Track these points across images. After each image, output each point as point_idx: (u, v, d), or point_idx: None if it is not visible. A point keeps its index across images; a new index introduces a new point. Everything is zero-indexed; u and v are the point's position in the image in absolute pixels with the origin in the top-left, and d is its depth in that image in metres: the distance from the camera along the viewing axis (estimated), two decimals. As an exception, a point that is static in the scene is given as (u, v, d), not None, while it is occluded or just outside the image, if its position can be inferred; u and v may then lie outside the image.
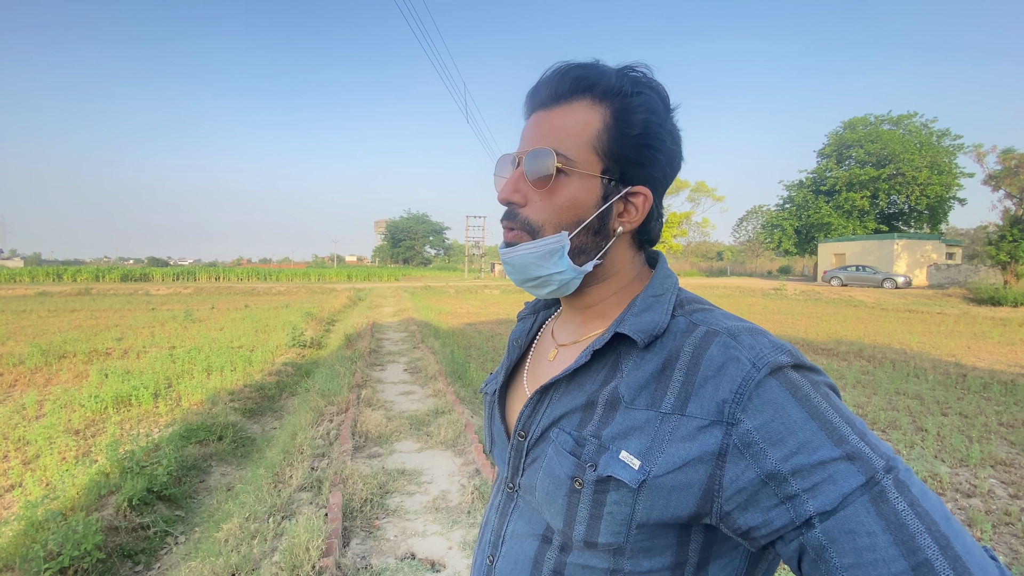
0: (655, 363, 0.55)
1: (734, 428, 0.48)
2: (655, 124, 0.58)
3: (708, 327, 0.55)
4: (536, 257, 0.60)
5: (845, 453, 0.45)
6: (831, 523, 0.44)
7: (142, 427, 5.05)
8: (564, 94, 0.58)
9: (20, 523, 2.93)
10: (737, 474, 0.47)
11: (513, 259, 0.61)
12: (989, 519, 3.11)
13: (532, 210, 0.60)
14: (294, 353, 8.55)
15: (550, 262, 0.59)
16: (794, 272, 46.50)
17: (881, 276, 24.81)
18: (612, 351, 0.59)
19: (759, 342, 0.51)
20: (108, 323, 12.67)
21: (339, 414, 4.71)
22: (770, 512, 0.46)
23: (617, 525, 0.52)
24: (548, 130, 0.59)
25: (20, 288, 26.77)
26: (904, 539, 0.42)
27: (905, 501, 0.43)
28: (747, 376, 0.49)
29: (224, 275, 38.52)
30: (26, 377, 6.97)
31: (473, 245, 54.17)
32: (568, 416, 0.58)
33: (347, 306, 17.57)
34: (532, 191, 0.60)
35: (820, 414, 0.47)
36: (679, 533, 0.52)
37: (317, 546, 2.39)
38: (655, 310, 0.58)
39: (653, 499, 0.50)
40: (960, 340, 10.16)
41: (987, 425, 4.80)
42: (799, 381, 0.49)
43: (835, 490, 0.44)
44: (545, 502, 0.57)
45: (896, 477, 0.45)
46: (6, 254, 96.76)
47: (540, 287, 0.62)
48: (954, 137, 31.38)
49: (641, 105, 0.57)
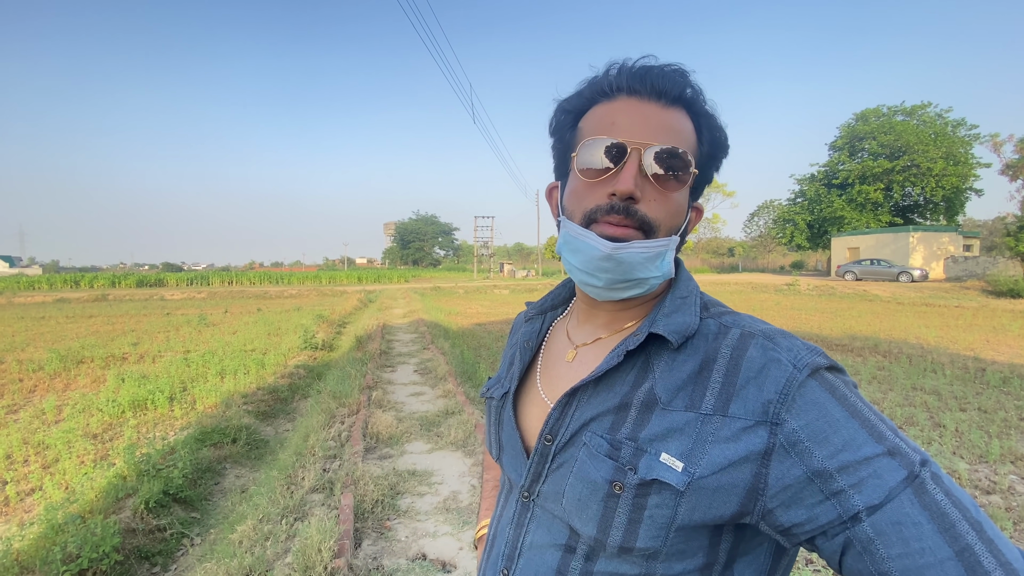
0: (691, 364, 0.55)
1: (779, 428, 0.49)
2: (723, 144, 0.62)
3: (742, 329, 0.56)
4: (646, 258, 0.57)
5: (886, 449, 0.47)
6: (878, 516, 0.45)
7: (158, 430, 5.12)
8: (676, 97, 0.58)
9: (40, 526, 2.98)
10: (783, 472, 0.48)
11: (623, 256, 0.56)
12: (1009, 516, 3.05)
13: (649, 208, 0.57)
14: (306, 356, 8.62)
15: (654, 264, 0.58)
16: (807, 267, 45.97)
17: (897, 270, 24.42)
18: (641, 352, 0.58)
19: (794, 344, 0.53)
20: (124, 328, 12.88)
21: (350, 416, 4.74)
22: (815, 508, 0.47)
23: (657, 528, 0.52)
24: (672, 130, 0.57)
25: (39, 295, 27.30)
26: (946, 527, 0.44)
27: (942, 491, 0.45)
28: (790, 377, 0.50)
29: (237, 279, 38.94)
30: (45, 382, 7.10)
31: (482, 245, 54.21)
32: (599, 419, 0.57)
33: (358, 308, 17.69)
34: (655, 189, 0.57)
35: (859, 413, 0.49)
36: (713, 534, 0.53)
37: (329, 547, 2.41)
38: (684, 312, 0.59)
39: (696, 500, 0.50)
40: (979, 334, 9.97)
41: (1007, 420, 4.70)
42: (835, 382, 0.51)
43: (881, 484, 0.45)
44: (576, 508, 0.55)
45: (931, 470, 0.47)
46: (25, 262, 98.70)
47: (629, 289, 0.59)
48: (970, 127, 30.83)
49: (719, 128, 0.61)
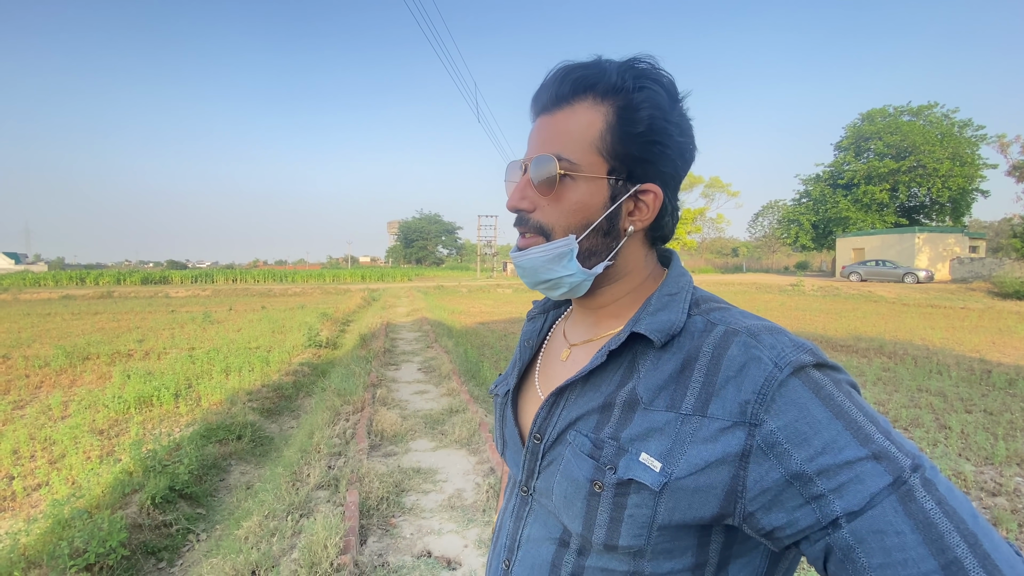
0: (673, 363, 0.54)
1: (757, 429, 0.47)
2: (659, 119, 0.56)
3: (727, 326, 0.54)
4: (545, 260, 0.59)
5: (871, 453, 0.45)
6: (859, 523, 0.43)
7: (164, 427, 5.14)
8: (565, 96, 0.58)
9: (47, 521, 3.00)
10: (761, 475, 0.47)
11: (523, 262, 0.61)
12: (1015, 518, 3.04)
13: (542, 214, 0.60)
14: (310, 353, 8.64)
15: (559, 265, 0.59)
16: (811, 268, 45.76)
17: (902, 271, 24.29)
18: (628, 351, 0.58)
19: (780, 341, 0.50)
20: (130, 325, 12.94)
21: (355, 413, 4.75)
22: (795, 512, 0.46)
23: (638, 527, 0.51)
24: (551, 135, 0.58)
25: (44, 292, 27.44)
26: (933, 538, 0.41)
27: (933, 500, 0.43)
28: (770, 376, 0.48)
29: (241, 277, 39.05)
30: (51, 379, 7.14)
31: (485, 244, 54.19)
32: (585, 418, 0.57)
33: (361, 306, 17.72)
34: (539, 197, 0.59)
35: (844, 413, 0.46)
36: (700, 534, 0.52)
37: (335, 544, 2.42)
38: (671, 309, 0.57)
39: (675, 501, 0.50)
40: (984, 335, 9.91)
41: (1013, 422, 4.68)
42: (822, 380, 0.48)
43: (862, 490, 0.44)
44: (563, 505, 0.56)
45: (923, 476, 0.44)
46: (31, 259, 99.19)
47: (552, 289, 0.62)
48: (976, 127, 30.59)
49: (644, 101, 0.56)
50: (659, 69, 0.58)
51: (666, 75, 0.58)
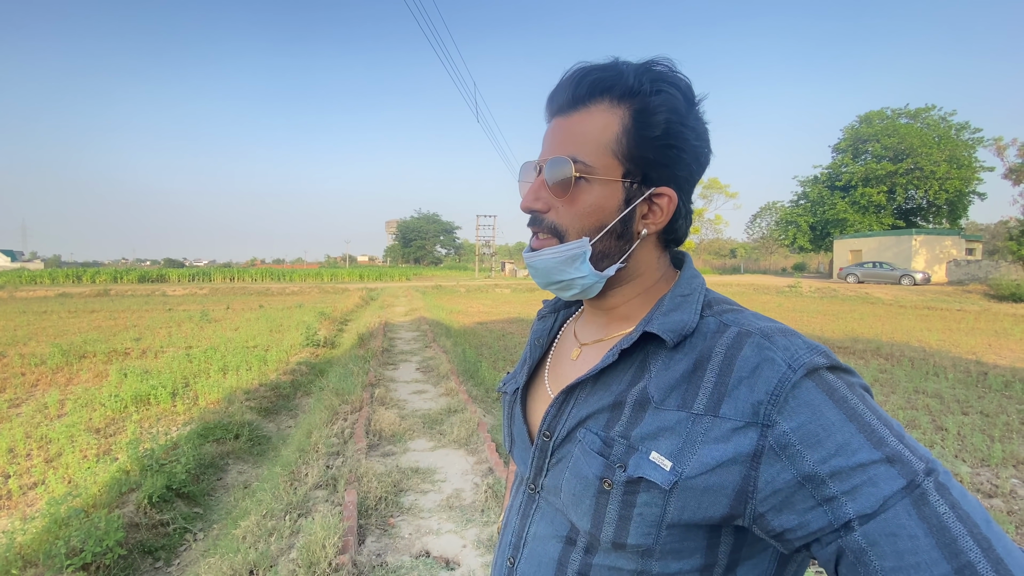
0: (685, 363, 0.54)
1: (769, 430, 0.47)
2: (676, 123, 0.56)
3: (740, 327, 0.54)
4: (558, 262, 0.60)
5: (885, 456, 0.45)
6: (871, 526, 0.43)
7: (161, 426, 5.13)
8: (582, 98, 0.58)
9: (44, 520, 2.99)
10: (772, 476, 0.47)
11: (536, 263, 0.61)
12: (1011, 520, 3.05)
13: (556, 215, 0.60)
14: (308, 352, 8.63)
15: (572, 267, 0.59)
16: (809, 269, 45.88)
17: (899, 272, 24.36)
18: (639, 351, 0.58)
19: (793, 343, 0.51)
20: (127, 323, 12.89)
21: (353, 413, 4.75)
22: (807, 514, 0.46)
23: (647, 526, 0.51)
24: (567, 137, 0.58)
25: (41, 290, 27.33)
26: (947, 542, 0.41)
27: (946, 504, 0.43)
28: (783, 377, 0.48)
29: (239, 276, 38.93)
30: (48, 377, 7.12)
31: (484, 244, 54.16)
32: (595, 416, 0.57)
33: (359, 306, 17.69)
34: (554, 198, 0.59)
35: (858, 416, 0.47)
36: (709, 534, 0.52)
37: (333, 543, 2.42)
38: (683, 310, 0.57)
39: (685, 500, 0.50)
40: (981, 337, 9.95)
41: (1009, 424, 4.70)
42: (835, 382, 0.48)
43: (876, 493, 0.44)
44: (572, 503, 0.56)
45: (936, 480, 0.44)
46: (27, 256, 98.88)
47: (564, 290, 0.63)
48: (974, 130, 30.71)
49: (661, 104, 0.56)
50: (676, 72, 0.58)
51: (683, 78, 0.58)
